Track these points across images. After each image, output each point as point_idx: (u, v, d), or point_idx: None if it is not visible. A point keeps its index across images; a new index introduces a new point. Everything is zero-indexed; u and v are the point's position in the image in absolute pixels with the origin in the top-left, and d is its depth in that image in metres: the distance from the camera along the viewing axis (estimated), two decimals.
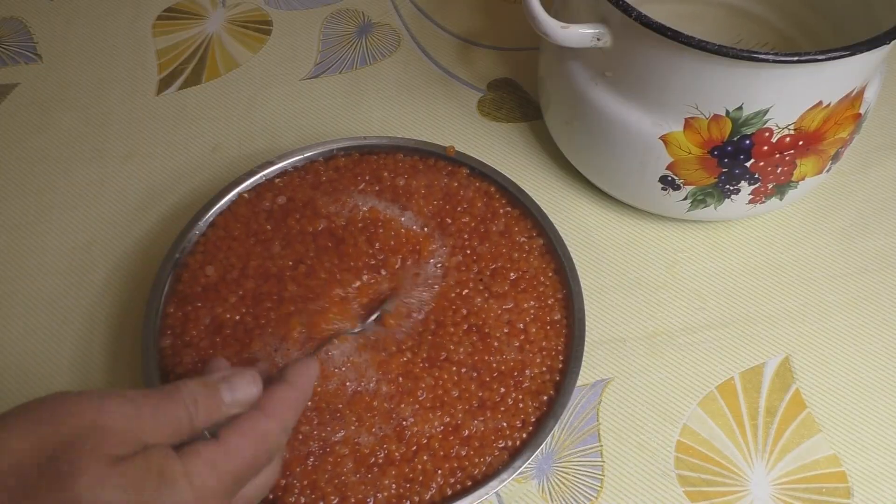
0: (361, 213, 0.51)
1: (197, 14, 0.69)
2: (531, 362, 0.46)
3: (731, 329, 0.52)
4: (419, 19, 0.69)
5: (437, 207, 0.52)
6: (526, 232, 0.52)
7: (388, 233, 0.50)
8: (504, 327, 0.47)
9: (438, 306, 0.48)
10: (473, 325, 0.47)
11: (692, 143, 0.48)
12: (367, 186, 0.52)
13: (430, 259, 0.50)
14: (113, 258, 0.55)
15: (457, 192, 0.53)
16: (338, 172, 0.53)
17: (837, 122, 0.47)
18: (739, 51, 0.41)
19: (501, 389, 0.45)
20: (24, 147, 0.61)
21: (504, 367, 0.46)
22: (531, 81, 0.64)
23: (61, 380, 0.50)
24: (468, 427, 0.44)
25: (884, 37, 0.42)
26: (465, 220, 0.51)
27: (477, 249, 0.50)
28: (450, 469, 0.43)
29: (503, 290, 0.48)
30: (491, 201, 0.53)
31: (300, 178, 0.53)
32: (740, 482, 0.47)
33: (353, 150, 0.55)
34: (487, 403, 0.45)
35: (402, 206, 0.52)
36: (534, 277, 0.49)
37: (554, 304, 0.49)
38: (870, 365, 0.51)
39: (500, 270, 0.49)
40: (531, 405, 0.45)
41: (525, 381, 0.46)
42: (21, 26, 0.68)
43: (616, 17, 0.45)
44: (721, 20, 0.61)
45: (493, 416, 0.44)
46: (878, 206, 0.58)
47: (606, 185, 0.56)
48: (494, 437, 0.44)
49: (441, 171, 0.54)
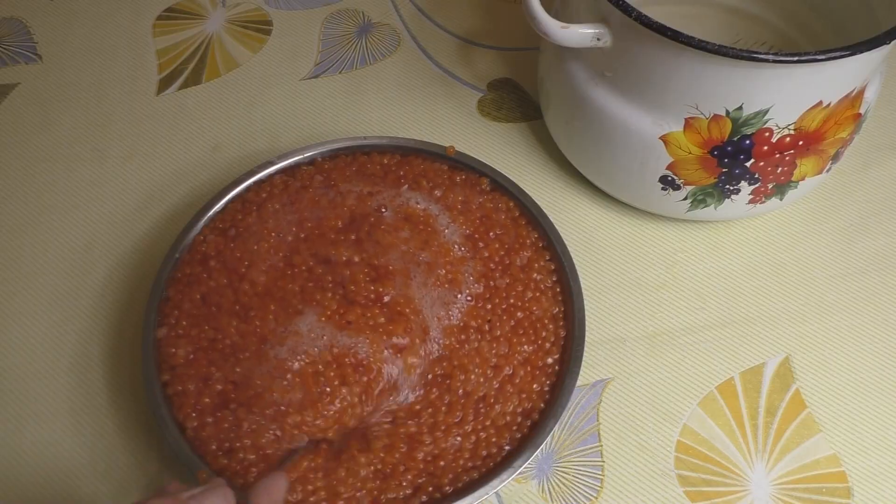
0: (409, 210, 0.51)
1: (197, 14, 0.69)
2: (506, 400, 0.45)
3: (731, 329, 0.52)
4: (419, 19, 0.69)
5: (474, 228, 0.51)
6: (543, 266, 0.50)
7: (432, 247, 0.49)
8: (488, 370, 0.46)
9: (451, 349, 0.47)
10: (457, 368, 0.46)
11: (692, 143, 0.48)
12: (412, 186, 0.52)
13: (460, 291, 0.48)
14: (113, 258, 0.55)
15: (491, 213, 0.52)
16: (385, 175, 0.53)
17: (837, 122, 0.47)
18: (739, 51, 0.41)
19: (469, 418, 0.45)
20: (24, 147, 0.61)
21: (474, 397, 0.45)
22: (531, 81, 0.64)
23: (61, 380, 0.50)
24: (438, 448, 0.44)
25: (884, 37, 0.42)
26: (495, 247, 0.50)
27: (497, 282, 0.49)
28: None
29: (503, 331, 0.47)
30: (518, 228, 0.52)
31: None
32: (740, 482, 0.47)
33: (354, 150, 0.55)
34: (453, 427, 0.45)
35: (451, 218, 0.51)
36: (538, 320, 0.48)
37: (551, 347, 0.48)
38: (870, 365, 0.51)
39: (509, 310, 0.48)
40: (505, 436, 0.45)
41: (493, 417, 0.45)
42: (21, 26, 0.68)
43: (616, 17, 0.45)
44: (721, 20, 0.61)
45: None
46: (878, 206, 0.58)
47: (606, 185, 0.56)
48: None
49: (475, 186, 0.53)
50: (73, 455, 0.48)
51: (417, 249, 0.49)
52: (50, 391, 0.50)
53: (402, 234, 0.49)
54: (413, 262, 0.48)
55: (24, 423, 0.49)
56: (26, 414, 0.49)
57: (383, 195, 0.51)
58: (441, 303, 0.48)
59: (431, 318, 0.47)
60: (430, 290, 0.48)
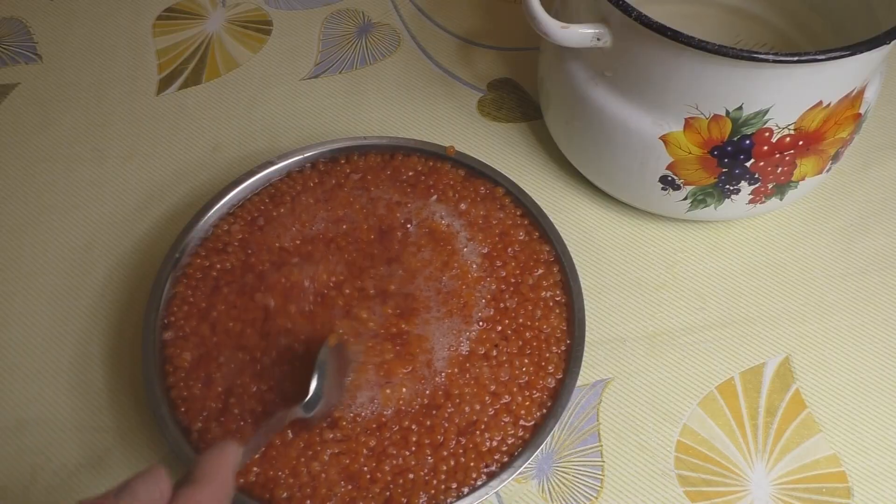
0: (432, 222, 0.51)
1: (197, 14, 0.69)
2: (498, 428, 0.45)
3: (731, 329, 0.52)
4: (419, 19, 0.69)
5: (493, 246, 0.50)
6: (554, 283, 0.50)
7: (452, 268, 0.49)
8: (486, 397, 0.45)
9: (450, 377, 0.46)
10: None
11: (692, 143, 0.48)
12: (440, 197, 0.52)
13: (472, 316, 0.48)
14: (113, 258, 0.55)
15: (510, 230, 0.51)
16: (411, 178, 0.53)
17: (837, 122, 0.47)
18: (739, 51, 0.41)
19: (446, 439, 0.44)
20: (24, 147, 0.61)
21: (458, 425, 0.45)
22: (531, 81, 0.64)
23: (61, 380, 0.50)
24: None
25: (884, 37, 0.42)
26: (511, 266, 0.50)
27: (507, 303, 0.48)
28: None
29: (509, 354, 0.47)
30: (532, 243, 0.51)
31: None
32: (740, 482, 0.47)
33: (354, 151, 0.55)
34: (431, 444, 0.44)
35: (469, 235, 0.50)
36: (546, 339, 0.48)
37: (555, 370, 0.47)
38: (870, 365, 0.51)
39: (518, 329, 0.48)
40: (481, 467, 0.44)
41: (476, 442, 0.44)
42: (21, 26, 0.68)
43: (616, 17, 0.45)
44: (721, 20, 0.61)
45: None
46: (878, 206, 0.58)
47: (606, 185, 0.56)
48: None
49: (496, 202, 0.53)
50: (73, 455, 0.48)
51: (438, 272, 0.49)
52: (50, 391, 0.50)
53: (425, 253, 0.49)
54: (434, 290, 0.48)
55: (24, 423, 0.49)
56: (26, 414, 0.49)
57: (409, 207, 0.51)
58: (453, 332, 0.47)
59: (440, 349, 0.46)
60: (445, 320, 0.47)
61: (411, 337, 0.46)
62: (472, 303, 0.48)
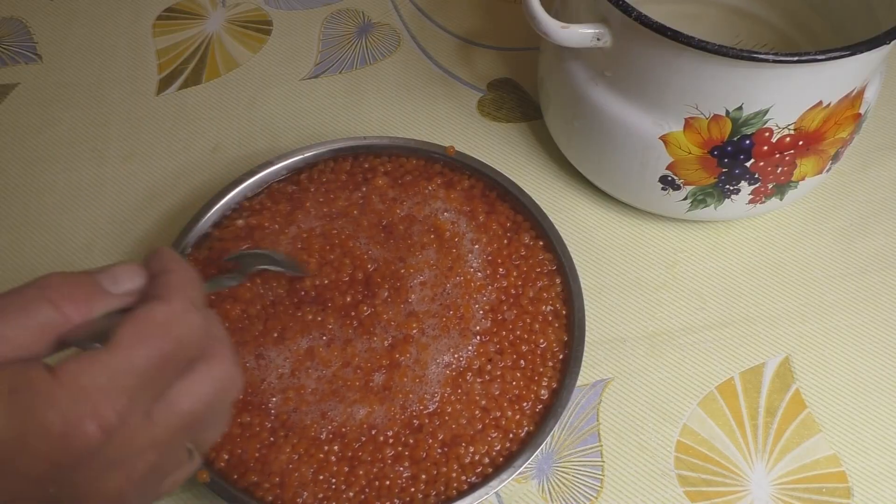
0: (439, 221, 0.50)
1: (197, 14, 0.69)
2: (484, 443, 0.44)
3: (731, 329, 0.52)
4: (419, 19, 0.69)
5: (497, 252, 0.50)
6: (556, 297, 0.49)
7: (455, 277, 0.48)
8: (476, 412, 0.45)
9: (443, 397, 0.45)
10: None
11: (692, 143, 0.48)
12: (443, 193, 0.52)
13: (470, 330, 0.47)
14: (113, 258, 0.55)
15: (515, 238, 0.51)
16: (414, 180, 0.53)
17: (837, 122, 0.47)
18: (739, 51, 0.41)
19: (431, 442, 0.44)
20: (24, 147, 0.61)
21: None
22: (531, 81, 0.64)
23: None
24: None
25: (884, 37, 0.42)
26: (513, 276, 0.49)
27: (505, 315, 0.48)
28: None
29: (504, 368, 0.46)
30: (535, 251, 0.50)
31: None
32: (740, 482, 0.47)
33: (354, 151, 0.55)
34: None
35: (473, 239, 0.50)
36: (542, 353, 0.47)
37: (549, 382, 0.46)
38: (870, 365, 0.51)
39: (514, 342, 0.47)
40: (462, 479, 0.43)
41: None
42: (21, 26, 0.68)
43: (616, 16, 0.45)
44: (721, 20, 0.61)
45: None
46: (878, 206, 0.58)
47: (606, 185, 0.56)
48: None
49: (497, 204, 0.52)
50: None
51: (443, 276, 0.48)
52: None
53: (429, 252, 0.49)
54: (437, 302, 0.47)
55: None
56: None
57: (409, 206, 0.51)
58: (450, 349, 0.46)
59: (434, 372, 0.45)
60: (443, 338, 0.46)
61: (404, 365, 0.45)
62: (469, 315, 0.47)
